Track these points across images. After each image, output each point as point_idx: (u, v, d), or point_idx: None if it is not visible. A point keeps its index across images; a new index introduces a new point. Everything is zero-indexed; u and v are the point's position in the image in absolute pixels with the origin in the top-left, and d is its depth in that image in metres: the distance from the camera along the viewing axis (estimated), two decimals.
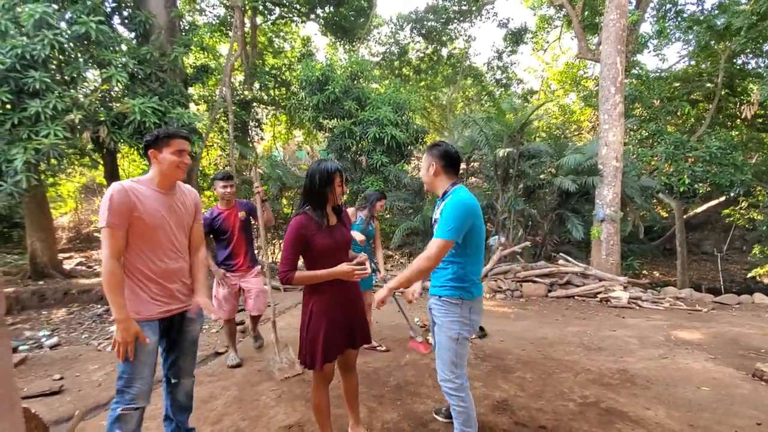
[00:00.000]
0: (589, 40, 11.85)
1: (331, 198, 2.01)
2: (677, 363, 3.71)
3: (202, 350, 3.85)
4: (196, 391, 2.94)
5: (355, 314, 2.12)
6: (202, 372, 3.35)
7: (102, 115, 6.75)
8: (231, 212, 3.41)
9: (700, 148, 9.24)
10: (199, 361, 3.64)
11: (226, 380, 3.13)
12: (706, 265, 13.76)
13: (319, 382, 2.06)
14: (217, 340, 4.19)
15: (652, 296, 6.62)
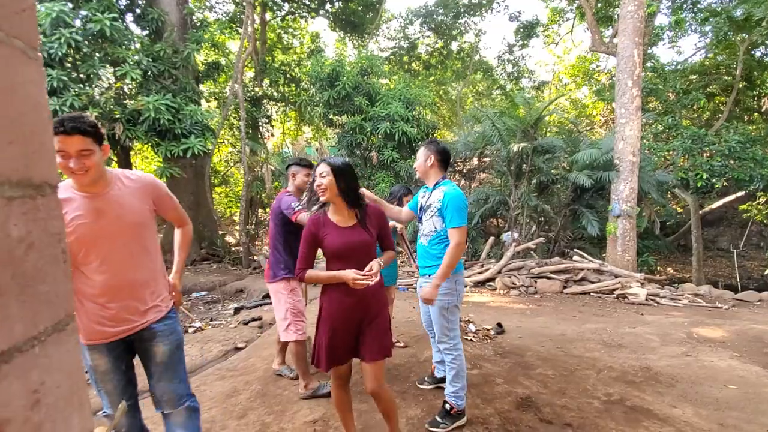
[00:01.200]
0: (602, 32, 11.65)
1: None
2: (701, 361, 3.65)
3: (222, 345, 3.89)
4: (219, 385, 2.98)
5: (368, 320, 1.94)
6: (224, 367, 3.37)
7: (117, 113, 6.81)
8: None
9: (718, 141, 9.05)
10: (220, 356, 3.67)
11: (248, 375, 3.15)
12: (721, 261, 13.54)
13: (334, 381, 2.05)
14: (236, 335, 4.22)
15: (670, 293, 6.53)
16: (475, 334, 4.14)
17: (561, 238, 9.19)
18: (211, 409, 2.65)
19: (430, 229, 2.48)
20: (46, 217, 0.51)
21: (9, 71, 0.47)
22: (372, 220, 1.99)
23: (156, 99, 6.76)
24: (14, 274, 0.45)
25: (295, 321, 2.77)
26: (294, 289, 2.81)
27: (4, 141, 0.45)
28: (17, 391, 0.44)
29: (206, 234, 9.70)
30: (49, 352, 0.50)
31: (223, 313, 5.79)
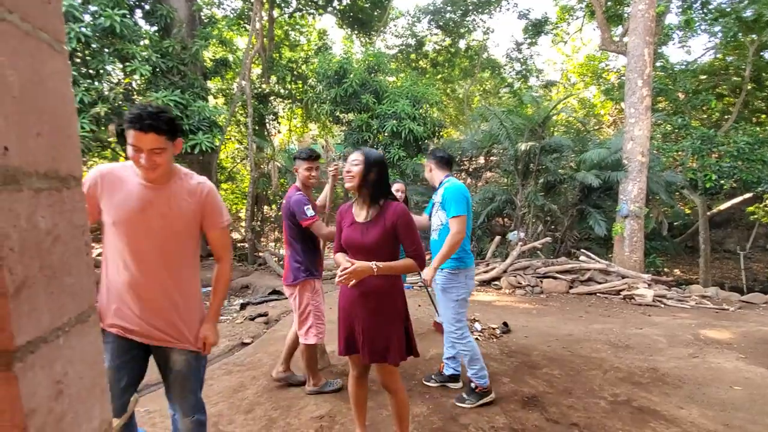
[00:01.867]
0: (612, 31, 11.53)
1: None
2: (708, 362, 3.62)
3: (229, 340, 3.91)
4: (226, 380, 3.00)
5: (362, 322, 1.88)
6: (231, 362, 3.39)
7: (126, 108, 6.84)
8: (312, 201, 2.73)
9: (727, 143, 8.95)
10: (227, 351, 3.70)
11: (254, 370, 3.17)
12: (728, 263, 13.40)
13: (350, 373, 2.08)
14: (242, 331, 4.24)
15: (677, 294, 6.47)
16: (480, 333, 4.13)
17: (567, 238, 9.14)
18: (219, 403, 2.67)
19: (437, 223, 2.71)
20: (71, 210, 0.52)
21: (36, 64, 0.47)
22: (389, 220, 1.85)
23: (164, 95, 6.79)
24: (42, 266, 0.45)
25: (317, 323, 2.67)
26: (317, 290, 2.70)
27: (32, 133, 0.45)
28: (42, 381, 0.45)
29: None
30: (73, 344, 0.51)
31: (228, 309, 5.82)
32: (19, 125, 0.43)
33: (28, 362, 0.42)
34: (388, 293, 1.89)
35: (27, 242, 0.43)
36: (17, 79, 0.43)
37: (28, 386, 0.42)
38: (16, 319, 0.41)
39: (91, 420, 0.54)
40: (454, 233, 2.51)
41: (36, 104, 0.46)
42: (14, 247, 0.41)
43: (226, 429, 2.38)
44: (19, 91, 0.44)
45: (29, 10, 0.46)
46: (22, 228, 0.42)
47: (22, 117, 0.44)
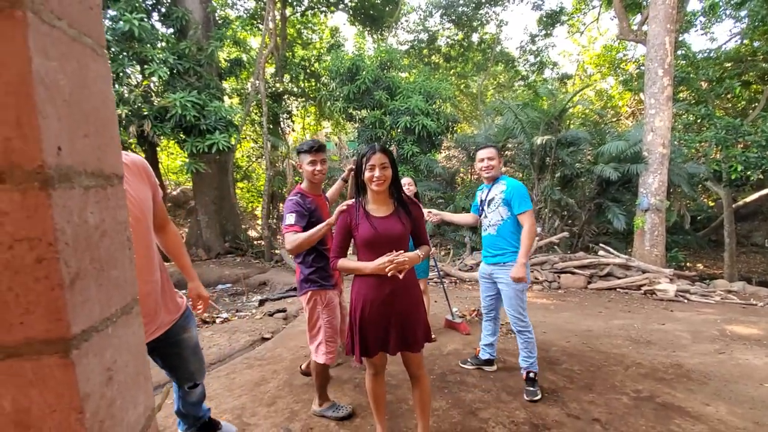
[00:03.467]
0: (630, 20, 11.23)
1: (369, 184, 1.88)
2: (735, 359, 3.52)
3: (249, 335, 3.99)
4: (248, 373, 3.06)
5: (397, 316, 1.89)
6: (252, 356, 3.46)
7: (145, 110, 7.01)
8: (321, 201, 2.46)
9: (755, 132, 8.64)
10: (248, 346, 3.77)
11: (275, 365, 3.22)
12: (755, 257, 12.98)
13: (368, 369, 2.07)
14: (261, 326, 4.32)
15: (701, 289, 6.31)
16: None
17: (585, 233, 8.99)
18: (241, 396, 2.73)
19: (497, 218, 2.81)
20: (115, 206, 0.54)
21: (82, 68, 0.50)
22: (409, 212, 1.94)
23: (182, 96, 6.92)
24: (92, 259, 0.48)
25: (327, 341, 2.37)
26: (329, 303, 2.39)
27: (80, 134, 0.48)
28: (95, 368, 0.47)
29: (230, 228, 9.92)
30: (119, 333, 0.53)
31: (247, 305, 5.93)
32: (69, 127, 0.46)
33: (82, 350, 0.45)
34: (412, 283, 1.97)
35: (79, 237, 0.45)
36: (67, 83, 0.46)
37: (83, 372, 0.45)
38: (71, 309, 0.43)
39: (136, 406, 0.56)
40: (530, 227, 2.68)
41: (83, 107, 0.49)
42: (68, 241, 0.43)
43: (249, 421, 2.44)
44: (69, 95, 0.46)
45: (76, 17, 0.49)
46: (75, 223, 0.45)
47: (72, 119, 0.46)
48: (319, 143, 2.38)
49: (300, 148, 2.40)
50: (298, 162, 2.43)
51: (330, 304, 2.40)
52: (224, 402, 2.67)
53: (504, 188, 2.77)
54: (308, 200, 2.31)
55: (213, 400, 2.69)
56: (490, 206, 2.84)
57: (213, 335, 4.06)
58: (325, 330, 2.37)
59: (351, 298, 1.99)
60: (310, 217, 2.27)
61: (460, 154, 11.40)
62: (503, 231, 2.79)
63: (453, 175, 10.42)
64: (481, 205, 2.95)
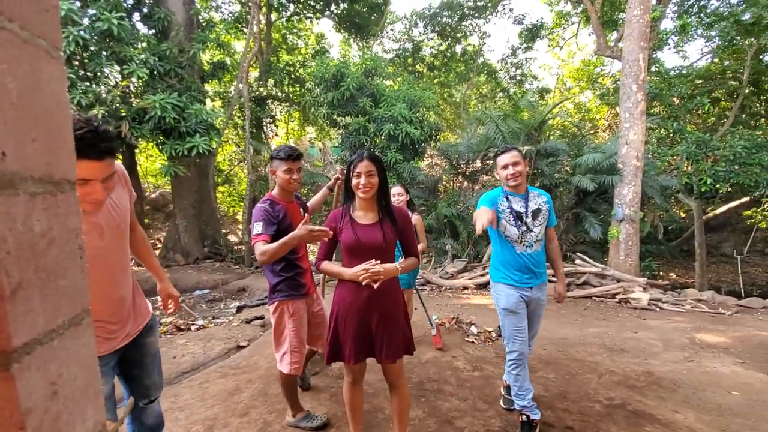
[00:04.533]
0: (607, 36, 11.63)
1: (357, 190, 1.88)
2: (704, 366, 3.64)
3: (225, 343, 3.90)
4: (221, 383, 3.00)
5: (374, 323, 1.89)
6: (226, 365, 3.38)
7: (123, 111, 6.86)
8: (293, 207, 2.36)
9: (723, 147, 9.02)
10: (223, 354, 3.69)
11: (250, 373, 3.16)
12: (725, 267, 13.47)
13: (345, 378, 2.06)
14: (238, 334, 4.23)
15: (672, 298, 6.51)
16: (476, 337, 4.15)
17: (563, 242, 9.17)
18: (214, 406, 2.67)
19: (542, 233, 2.44)
20: (66, 213, 0.52)
21: (34, 70, 0.48)
22: (395, 221, 1.93)
23: (162, 98, 6.80)
24: (37, 268, 0.46)
25: (293, 351, 2.31)
26: (296, 313, 2.33)
27: (28, 138, 0.46)
28: (38, 382, 0.45)
29: (209, 232, 9.73)
30: (67, 345, 0.51)
31: (225, 312, 5.81)
32: (17, 131, 0.44)
33: (24, 363, 0.43)
34: (394, 290, 1.95)
35: (23, 245, 0.44)
36: (16, 86, 0.44)
37: (24, 386, 0.43)
38: (12, 320, 0.41)
39: (84, 421, 0.54)
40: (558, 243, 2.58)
41: (33, 110, 0.47)
42: (10, 250, 0.42)
43: None
44: (18, 98, 0.45)
45: (29, 18, 0.47)
46: (18, 231, 0.43)
47: (20, 123, 0.45)
48: (297, 151, 2.30)
49: (276, 155, 2.29)
50: (272, 167, 2.32)
51: (297, 313, 2.33)
52: (196, 412, 2.60)
53: (545, 199, 2.47)
54: (278, 207, 2.24)
55: (184, 410, 2.62)
56: (537, 219, 2.41)
57: (187, 343, 3.95)
58: (290, 340, 2.31)
59: (332, 306, 1.99)
60: (279, 224, 2.18)
61: (443, 162, 11.52)
62: (544, 247, 2.49)
63: (436, 183, 10.51)
64: (516, 218, 2.39)
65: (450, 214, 8.88)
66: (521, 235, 2.38)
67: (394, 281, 1.95)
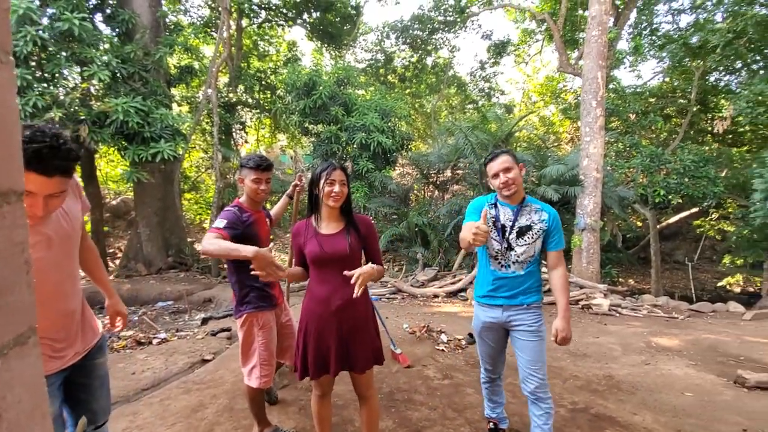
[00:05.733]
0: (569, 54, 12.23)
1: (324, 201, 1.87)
2: (660, 369, 3.82)
3: (188, 357, 3.75)
4: (184, 399, 2.87)
5: (342, 334, 1.86)
6: (190, 380, 3.25)
7: (82, 114, 6.55)
8: (260, 217, 2.30)
9: (674, 161, 9.63)
10: (186, 368, 3.54)
11: (215, 388, 3.04)
12: (678, 273, 14.27)
13: (314, 390, 2.02)
14: (203, 347, 4.08)
15: (631, 303, 6.82)
16: (446, 345, 4.18)
17: None
18: (175, 424, 2.55)
19: (527, 255, 2.07)
20: (11, 226, 0.50)
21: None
22: (359, 230, 1.93)
23: (125, 101, 6.54)
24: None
25: (262, 365, 2.23)
26: (266, 325, 2.26)
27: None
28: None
29: (173, 241, 9.37)
30: (12, 366, 0.48)
31: (189, 324, 5.59)
32: None
33: None
34: (365, 299, 1.93)
35: None
36: None
37: None
38: None
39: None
40: (566, 270, 2.11)
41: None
42: None
43: None
44: None
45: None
46: None
47: None
48: (267, 161, 2.24)
49: (245, 163, 2.22)
50: (240, 176, 2.24)
51: (267, 325, 2.26)
52: (156, 431, 2.47)
53: (545, 216, 2.07)
54: (246, 214, 2.19)
55: (143, 429, 2.49)
56: (524, 237, 2.06)
57: (148, 358, 3.77)
58: (260, 353, 2.23)
59: (300, 315, 1.96)
60: (244, 230, 2.11)
61: (414, 172, 11.66)
62: (531, 270, 2.09)
63: (407, 192, 10.61)
64: (499, 230, 2.10)
65: (421, 222, 8.97)
66: (499, 251, 2.09)
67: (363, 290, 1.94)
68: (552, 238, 2.08)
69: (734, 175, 10.94)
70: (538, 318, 2.10)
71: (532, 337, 2.07)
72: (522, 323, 2.09)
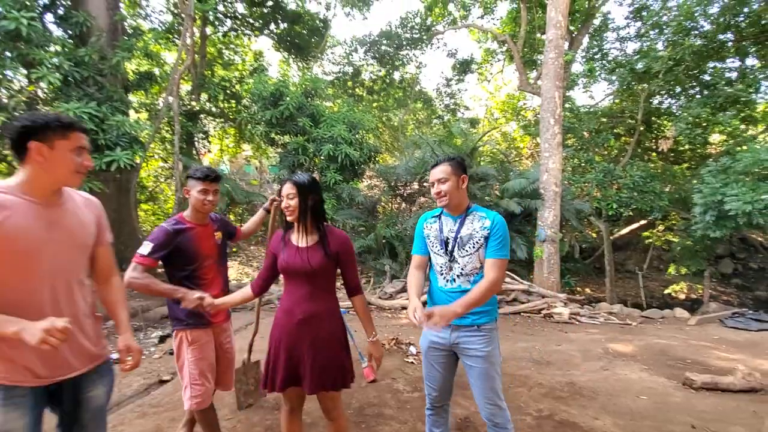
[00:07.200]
0: (528, 74, 12.88)
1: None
2: (617, 374, 4.00)
3: (144, 378, 3.52)
4: (139, 424, 2.69)
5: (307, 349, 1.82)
6: (146, 403, 3.05)
7: None
8: (205, 230, 2.25)
9: (625, 176, 10.28)
10: (142, 391, 3.32)
11: (174, 411, 2.87)
12: (629, 282, 15.09)
13: (283, 405, 1.98)
14: (160, 366, 3.85)
15: (588, 312, 7.13)
16: (415, 357, 4.19)
17: None
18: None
19: (473, 266, 1.93)
20: None
21: None
22: (334, 247, 1.87)
23: (77, 107, 6.18)
24: None
25: (193, 384, 2.13)
26: (196, 342, 2.16)
27: None
28: None
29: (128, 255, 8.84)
30: None
31: (145, 342, 5.26)
32: None
33: None
34: (332, 315, 1.91)
35: None
36: None
37: None
38: None
39: None
40: (495, 281, 1.85)
41: None
42: None
43: None
44: None
45: None
46: None
47: None
48: (215, 173, 2.22)
49: (192, 174, 2.19)
50: (186, 187, 2.20)
51: (196, 342, 2.16)
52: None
53: (487, 224, 1.92)
54: (182, 226, 2.17)
55: None
56: (465, 248, 1.93)
57: None
58: (190, 372, 2.14)
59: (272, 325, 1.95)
60: (177, 245, 2.11)
61: (382, 184, 11.75)
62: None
63: (374, 204, 10.64)
64: (443, 242, 1.99)
65: (388, 234, 9.01)
66: (444, 265, 1.98)
67: (330, 306, 1.91)
68: (491, 244, 1.89)
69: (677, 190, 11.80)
70: (490, 341, 1.93)
71: (484, 363, 1.91)
72: (471, 347, 1.92)
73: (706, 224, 7.47)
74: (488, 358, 1.91)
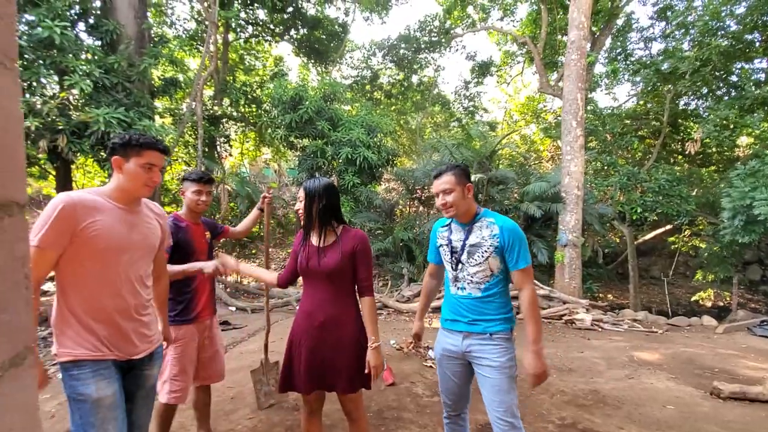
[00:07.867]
0: (548, 76, 12.68)
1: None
2: (642, 383, 3.87)
3: None
4: None
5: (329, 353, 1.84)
6: None
7: (61, 124, 6.37)
8: (198, 229, 2.41)
9: (650, 180, 9.98)
10: None
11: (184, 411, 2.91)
12: (654, 288, 14.64)
13: (303, 408, 2.00)
14: None
15: (612, 318, 6.93)
16: (434, 361, 4.14)
17: None
18: None
19: (484, 274, 1.88)
20: (12, 240, 0.47)
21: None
22: (348, 245, 1.87)
23: (107, 112, 6.40)
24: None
25: (173, 379, 2.18)
26: (179, 339, 2.21)
27: None
28: None
29: None
30: (5, 390, 0.45)
31: None
32: None
33: None
34: (353, 319, 1.91)
35: None
36: None
37: None
38: None
39: None
40: (533, 292, 1.84)
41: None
42: None
43: None
44: None
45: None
46: None
47: None
48: (208, 176, 2.44)
49: (188, 176, 2.42)
50: (182, 188, 2.41)
51: (179, 339, 2.21)
52: None
53: (496, 231, 1.86)
54: (182, 224, 2.34)
55: None
56: (473, 256, 1.88)
57: None
58: (171, 367, 2.20)
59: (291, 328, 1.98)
60: (178, 238, 2.25)
61: (400, 187, 11.73)
62: (492, 292, 1.89)
63: (392, 207, 10.64)
64: (451, 251, 1.96)
65: (406, 237, 8.98)
66: (455, 273, 1.95)
67: (350, 310, 1.91)
68: (510, 256, 1.84)
69: (704, 194, 11.40)
70: (505, 351, 1.86)
71: (497, 374, 1.84)
72: (484, 356, 1.86)
73: (735, 229, 7.18)
74: (502, 369, 1.83)
